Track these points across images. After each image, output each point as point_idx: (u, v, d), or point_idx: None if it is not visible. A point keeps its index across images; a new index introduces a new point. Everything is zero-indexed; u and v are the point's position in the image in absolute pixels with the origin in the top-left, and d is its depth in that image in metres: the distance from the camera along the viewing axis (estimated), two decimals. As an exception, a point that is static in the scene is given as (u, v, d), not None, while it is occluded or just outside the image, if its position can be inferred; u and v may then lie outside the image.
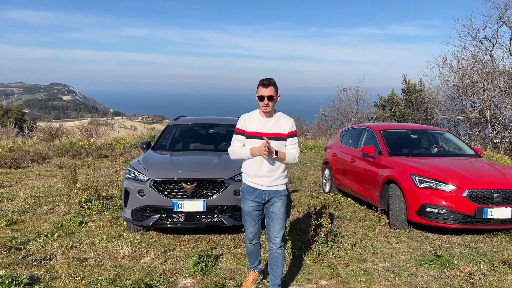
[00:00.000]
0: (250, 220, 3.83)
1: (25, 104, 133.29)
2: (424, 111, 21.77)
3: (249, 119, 3.78)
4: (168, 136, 7.21)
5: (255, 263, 4.05)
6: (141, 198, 5.41)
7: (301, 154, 15.00)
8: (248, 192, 3.79)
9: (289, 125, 3.76)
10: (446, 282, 4.27)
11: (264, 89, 3.64)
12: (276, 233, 3.74)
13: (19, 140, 17.68)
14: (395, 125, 8.91)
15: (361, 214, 6.98)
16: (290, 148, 3.77)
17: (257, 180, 3.74)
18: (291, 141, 3.77)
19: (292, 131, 3.76)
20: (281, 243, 3.77)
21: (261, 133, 3.68)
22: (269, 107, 3.66)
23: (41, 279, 4.22)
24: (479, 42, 18.17)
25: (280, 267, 3.80)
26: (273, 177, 3.73)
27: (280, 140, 3.71)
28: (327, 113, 24.42)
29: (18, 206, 6.98)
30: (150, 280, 4.21)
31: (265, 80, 3.67)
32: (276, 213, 3.74)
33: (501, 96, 17.27)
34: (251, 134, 3.72)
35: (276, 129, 3.72)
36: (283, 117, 3.80)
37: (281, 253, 3.78)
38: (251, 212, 3.80)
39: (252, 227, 3.84)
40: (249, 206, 3.78)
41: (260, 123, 3.73)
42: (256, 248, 3.95)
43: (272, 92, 3.64)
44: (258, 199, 3.75)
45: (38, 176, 9.95)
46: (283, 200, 3.77)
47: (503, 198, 5.59)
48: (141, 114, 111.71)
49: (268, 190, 3.73)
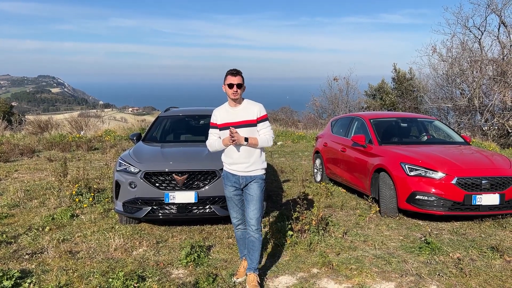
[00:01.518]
0: (233, 205, 3.99)
1: (13, 97, 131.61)
2: (414, 99, 21.92)
3: (219, 112, 3.95)
4: (159, 127, 7.18)
5: (245, 251, 4.08)
6: (132, 190, 5.39)
7: (293, 144, 15.04)
8: (228, 178, 3.96)
9: (257, 110, 3.87)
10: (435, 268, 4.34)
11: (233, 78, 3.80)
12: (252, 215, 3.85)
13: (8, 133, 17.47)
14: (385, 114, 8.96)
15: (352, 202, 7.03)
16: (262, 133, 3.88)
17: (234, 166, 3.89)
18: (262, 125, 3.88)
19: (262, 116, 3.88)
20: (258, 225, 3.86)
21: (231, 123, 3.83)
22: (238, 94, 3.81)
23: (33, 272, 4.20)
24: (468, 30, 18.30)
25: (257, 251, 3.89)
26: (248, 163, 3.85)
27: (250, 126, 3.84)
28: (318, 102, 24.49)
29: (8, 200, 6.93)
30: (142, 272, 4.22)
31: (233, 70, 3.84)
32: (251, 194, 3.86)
33: (489, 84, 17.43)
34: (222, 125, 3.89)
35: (244, 116, 3.85)
36: (250, 104, 3.92)
37: (257, 237, 3.87)
38: (232, 197, 3.96)
39: (235, 212, 4.00)
40: (230, 192, 3.95)
41: (229, 113, 3.89)
42: (243, 234, 4.05)
43: (240, 81, 3.81)
44: (236, 184, 3.91)
45: (28, 169, 9.87)
46: (259, 183, 3.88)
47: (491, 184, 5.66)
48: (131, 106, 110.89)
49: (245, 176, 3.88)
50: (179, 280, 4.08)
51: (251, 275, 3.89)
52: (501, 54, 17.75)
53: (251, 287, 3.83)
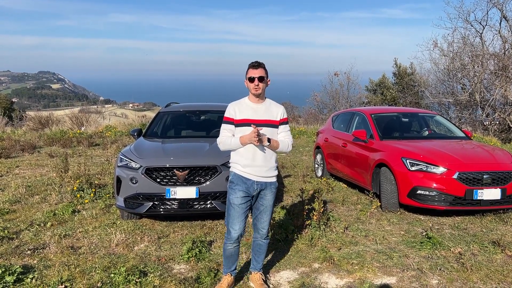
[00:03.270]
0: (238, 215, 3.56)
1: (14, 93, 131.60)
2: (415, 94, 21.84)
3: (238, 106, 3.59)
4: (159, 123, 7.17)
5: (232, 267, 3.80)
6: (134, 185, 5.39)
7: (294, 139, 15.04)
8: (238, 182, 3.56)
9: (281, 112, 3.64)
10: (437, 262, 4.34)
11: (254, 70, 3.50)
12: (264, 224, 3.69)
13: (9, 129, 17.48)
14: (386, 109, 8.94)
15: (353, 197, 7.03)
16: (282, 136, 3.64)
17: (250, 170, 3.54)
18: (283, 128, 3.64)
19: (284, 118, 3.65)
20: (267, 232, 3.74)
21: (252, 120, 3.51)
22: (260, 88, 3.50)
23: (35, 268, 4.21)
24: (469, 24, 18.20)
25: (264, 253, 3.81)
26: (267, 167, 3.56)
27: (272, 127, 3.57)
28: (318, 98, 24.43)
29: (9, 196, 6.93)
30: (144, 267, 4.23)
31: (255, 62, 3.53)
32: (265, 206, 3.64)
33: (491, 78, 17.37)
34: (241, 121, 3.53)
35: (267, 115, 3.57)
36: (273, 104, 3.67)
37: (266, 242, 3.78)
38: (239, 205, 3.54)
39: (239, 223, 3.56)
40: (238, 198, 3.54)
41: (250, 109, 3.56)
42: (236, 251, 3.71)
43: (262, 73, 3.50)
44: (249, 190, 3.56)
45: (29, 165, 9.88)
46: (273, 193, 3.66)
47: (492, 179, 5.66)
48: (132, 102, 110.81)
49: (260, 182, 3.57)
50: (181, 275, 4.08)
51: (256, 274, 3.84)
52: (503, 49, 17.67)
53: (258, 285, 3.77)
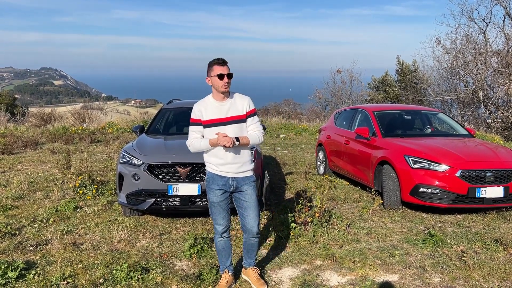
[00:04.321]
0: (220, 211, 3.59)
1: (16, 89, 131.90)
2: (417, 92, 21.80)
3: (204, 106, 3.52)
4: (162, 120, 7.17)
5: (227, 262, 3.77)
6: (136, 182, 5.40)
7: (296, 136, 15.01)
8: (214, 181, 3.56)
9: (246, 104, 3.54)
10: (439, 260, 4.34)
11: (222, 67, 3.43)
12: (252, 222, 3.59)
13: (11, 126, 17.52)
14: (388, 106, 8.91)
15: (355, 195, 7.03)
16: (251, 129, 3.56)
17: (223, 168, 3.52)
18: (251, 121, 3.56)
19: (250, 110, 3.55)
20: (257, 230, 3.63)
21: (218, 119, 3.47)
22: (229, 85, 3.46)
23: (37, 264, 4.22)
24: (473, 21, 18.14)
25: (256, 251, 3.77)
26: (240, 163, 3.53)
27: (239, 122, 3.51)
28: (321, 95, 24.41)
29: (12, 192, 6.95)
30: (146, 264, 4.24)
31: (220, 59, 3.46)
32: (247, 201, 3.57)
33: (494, 76, 17.32)
34: (208, 122, 3.49)
35: (233, 112, 3.50)
36: (238, 98, 3.57)
37: (257, 241, 3.70)
38: (219, 202, 3.56)
39: (222, 218, 3.60)
40: (217, 196, 3.55)
41: (215, 108, 3.49)
42: (227, 244, 3.70)
43: (229, 70, 3.46)
44: (225, 187, 3.54)
45: (31, 161, 9.90)
46: (252, 186, 3.60)
47: (495, 177, 5.64)
48: (134, 98, 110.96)
49: (235, 177, 3.54)
50: (183, 272, 4.09)
51: (252, 269, 3.83)
52: (506, 46, 17.60)
53: (254, 280, 3.77)
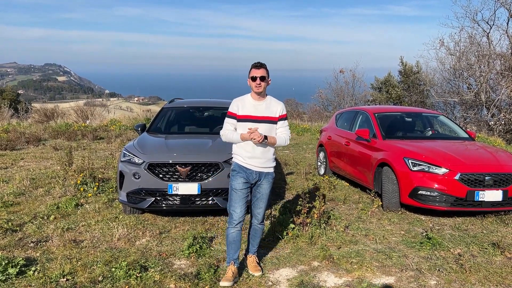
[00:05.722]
0: (239, 200, 3.87)
1: (20, 85, 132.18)
2: (420, 93, 21.76)
3: (241, 103, 3.92)
4: (163, 119, 7.20)
5: (235, 255, 3.97)
6: (136, 181, 5.44)
7: (297, 136, 15.04)
8: (240, 171, 3.91)
9: (280, 109, 3.94)
10: (436, 263, 4.36)
11: (256, 70, 3.83)
12: (260, 210, 4.04)
13: (14, 121, 17.60)
14: (389, 108, 8.93)
15: (354, 196, 7.05)
16: (280, 132, 3.96)
17: (250, 161, 3.89)
18: (282, 124, 3.96)
19: (283, 114, 3.96)
20: (263, 218, 4.08)
21: (253, 116, 3.85)
22: (261, 87, 3.83)
23: (37, 260, 4.27)
24: (476, 23, 18.10)
25: (259, 237, 4.16)
26: (264, 158, 3.91)
27: (271, 123, 3.90)
28: (323, 95, 24.40)
29: (14, 188, 7.00)
30: (145, 262, 4.28)
31: (258, 63, 3.88)
32: (262, 193, 4.00)
33: (497, 78, 17.28)
34: (243, 117, 3.87)
35: (267, 112, 3.89)
36: (274, 101, 3.97)
37: (261, 227, 4.12)
38: (241, 190, 3.88)
39: (240, 207, 3.88)
40: (239, 183, 3.88)
41: (252, 106, 3.89)
42: (238, 236, 3.94)
43: (264, 73, 3.83)
44: (249, 178, 3.92)
45: (34, 158, 9.95)
46: (270, 182, 4.01)
47: (494, 181, 5.66)
48: (137, 96, 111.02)
49: (259, 171, 3.92)
50: (181, 271, 4.13)
51: (251, 256, 4.19)
52: (510, 49, 17.56)
53: (252, 267, 4.12)
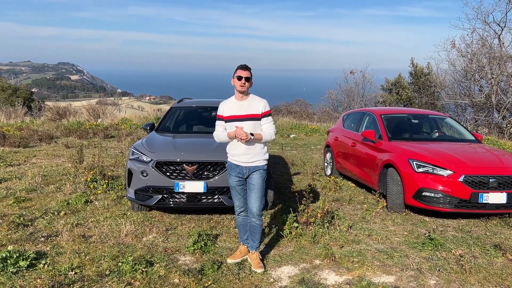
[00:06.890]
0: (236, 194, 4.29)
1: (34, 83, 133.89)
2: (431, 95, 21.63)
3: (226, 105, 4.20)
4: (172, 118, 7.33)
5: (244, 236, 4.41)
6: (144, 178, 5.56)
7: (306, 137, 15.09)
8: (232, 168, 4.24)
9: (262, 106, 4.15)
10: (436, 263, 4.41)
11: (242, 71, 4.10)
12: (254, 203, 4.17)
13: (28, 119, 17.92)
14: (396, 109, 8.96)
15: (360, 197, 7.10)
16: (265, 127, 4.16)
17: (237, 157, 4.18)
18: (266, 120, 4.16)
19: (266, 111, 4.16)
20: (259, 213, 4.20)
21: (237, 115, 4.10)
22: (245, 86, 4.09)
23: (47, 254, 4.41)
24: (488, 25, 17.96)
25: (258, 233, 4.26)
26: (251, 154, 4.13)
27: (254, 120, 4.11)
28: (333, 96, 24.38)
29: (26, 185, 7.19)
30: (151, 257, 4.40)
31: (244, 65, 4.15)
32: (253, 184, 4.15)
33: (508, 81, 17.13)
34: (229, 118, 4.14)
35: (250, 110, 4.12)
36: (256, 99, 4.20)
37: (258, 223, 4.23)
38: (235, 187, 4.25)
39: (238, 200, 4.31)
40: (234, 181, 4.24)
41: (236, 106, 4.15)
42: (244, 221, 4.35)
43: (249, 75, 4.10)
44: (240, 174, 4.19)
45: (46, 155, 10.16)
46: (260, 172, 4.17)
47: (498, 183, 5.67)
48: (149, 95, 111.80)
49: (248, 166, 4.16)
50: (185, 267, 4.24)
51: (254, 253, 4.31)
52: (522, 51, 17.40)
53: (255, 263, 4.22)
